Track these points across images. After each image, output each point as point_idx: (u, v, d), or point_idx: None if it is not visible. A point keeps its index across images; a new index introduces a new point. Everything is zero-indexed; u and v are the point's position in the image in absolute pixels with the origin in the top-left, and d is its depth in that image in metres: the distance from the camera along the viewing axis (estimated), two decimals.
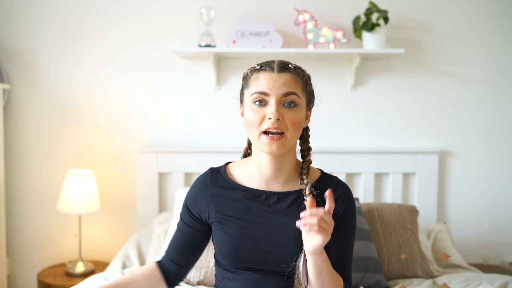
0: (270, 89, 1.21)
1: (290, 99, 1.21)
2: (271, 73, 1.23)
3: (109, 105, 2.76)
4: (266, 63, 1.27)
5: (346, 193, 1.30)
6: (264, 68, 1.25)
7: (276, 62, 1.26)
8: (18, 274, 2.83)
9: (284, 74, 1.23)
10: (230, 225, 1.28)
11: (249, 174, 1.31)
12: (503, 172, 2.83)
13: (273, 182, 1.28)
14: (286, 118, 1.20)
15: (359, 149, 2.74)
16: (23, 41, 2.72)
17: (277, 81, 1.21)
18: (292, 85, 1.22)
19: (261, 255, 1.25)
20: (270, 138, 1.19)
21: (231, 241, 1.26)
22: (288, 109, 1.21)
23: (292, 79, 1.23)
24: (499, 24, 2.76)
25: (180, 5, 2.71)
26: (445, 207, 2.84)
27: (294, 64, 1.28)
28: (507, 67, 2.78)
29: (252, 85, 1.24)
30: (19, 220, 2.81)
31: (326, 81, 2.76)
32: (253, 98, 1.22)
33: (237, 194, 1.29)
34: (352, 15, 2.67)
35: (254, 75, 1.25)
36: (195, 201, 1.33)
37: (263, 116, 1.20)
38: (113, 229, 2.82)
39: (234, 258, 1.27)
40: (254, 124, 1.21)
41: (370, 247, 2.13)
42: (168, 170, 2.71)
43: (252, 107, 1.22)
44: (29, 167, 2.78)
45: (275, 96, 1.20)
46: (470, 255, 2.80)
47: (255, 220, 1.26)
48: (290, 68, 1.25)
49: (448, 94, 2.79)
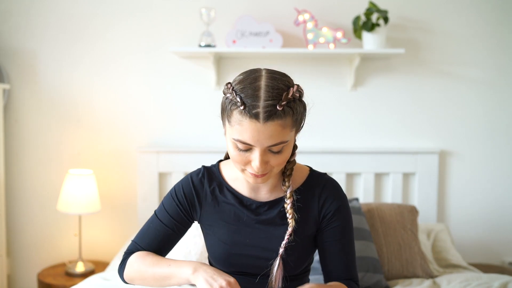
0: (255, 142, 1.07)
1: (275, 148, 1.10)
2: (256, 123, 1.05)
3: (109, 105, 2.76)
4: (251, 99, 1.06)
5: (334, 191, 1.26)
6: (247, 112, 1.05)
7: (262, 107, 1.05)
8: (18, 274, 2.83)
9: (270, 123, 1.05)
10: (222, 230, 1.26)
11: (238, 177, 1.27)
12: (503, 172, 2.83)
13: (261, 187, 1.26)
14: (272, 162, 1.12)
15: (359, 149, 2.74)
16: (23, 41, 2.72)
17: (262, 134, 1.06)
18: (279, 134, 1.07)
19: (253, 260, 1.23)
20: (254, 176, 1.13)
21: (222, 247, 1.25)
22: (275, 154, 1.11)
23: (280, 126, 1.07)
24: (499, 24, 2.76)
25: (180, 5, 2.71)
26: (445, 207, 2.84)
27: (284, 101, 1.06)
28: (507, 67, 2.78)
29: (234, 127, 1.09)
30: (19, 220, 2.81)
31: (326, 81, 2.76)
32: (236, 142, 1.10)
33: (230, 198, 1.27)
34: (352, 15, 2.67)
35: (237, 115, 1.07)
36: (188, 196, 1.28)
37: (247, 160, 1.12)
38: (113, 229, 2.82)
39: (226, 263, 1.26)
40: (238, 162, 1.13)
41: (370, 247, 2.13)
42: (168, 170, 2.71)
43: (235, 147, 1.12)
44: (29, 167, 2.78)
45: (260, 147, 1.08)
46: (470, 255, 2.80)
47: (246, 227, 1.25)
48: (278, 113, 1.05)
49: (448, 94, 2.79)
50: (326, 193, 1.25)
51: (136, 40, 2.73)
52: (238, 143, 1.10)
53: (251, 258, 1.23)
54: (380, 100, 2.78)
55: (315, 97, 2.91)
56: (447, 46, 2.76)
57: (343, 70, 2.76)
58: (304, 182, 1.27)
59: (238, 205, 1.26)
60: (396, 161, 2.74)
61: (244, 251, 1.24)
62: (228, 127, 1.12)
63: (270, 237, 1.23)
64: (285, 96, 1.07)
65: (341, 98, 2.77)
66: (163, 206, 1.30)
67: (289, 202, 1.21)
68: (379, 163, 2.74)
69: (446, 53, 2.76)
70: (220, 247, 1.25)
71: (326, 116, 2.78)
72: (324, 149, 2.73)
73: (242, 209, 1.25)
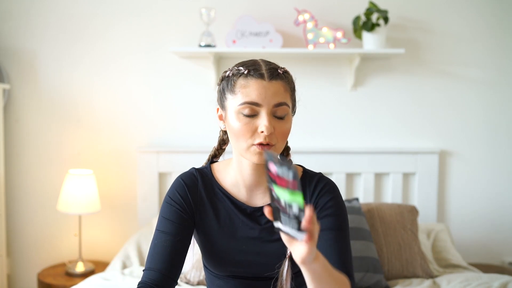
0: (262, 100, 1.11)
1: (280, 111, 1.12)
2: (261, 80, 1.12)
3: (109, 105, 2.76)
4: (253, 67, 1.15)
5: (328, 185, 1.23)
6: (252, 74, 1.13)
7: (265, 66, 1.15)
8: (18, 274, 2.83)
9: (275, 82, 1.13)
10: (218, 235, 1.22)
11: (231, 180, 1.24)
12: (503, 172, 2.83)
13: (255, 188, 1.23)
14: (276, 131, 1.12)
15: (359, 149, 2.74)
16: (23, 41, 2.72)
17: (269, 90, 1.11)
18: (283, 94, 1.13)
19: (249, 266, 1.21)
20: (261, 148, 1.11)
21: (218, 252, 1.22)
22: (279, 120, 1.13)
23: (283, 87, 1.14)
24: (499, 24, 2.76)
25: (180, 5, 2.71)
26: (445, 207, 2.84)
27: (282, 68, 1.18)
28: (507, 67, 2.78)
29: (239, 93, 1.13)
30: (19, 220, 2.81)
31: (326, 81, 2.76)
32: (241, 108, 1.12)
33: (224, 202, 1.23)
34: (352, 15, 2.67)
35: (241, 80, 1.14)
36: (184, 198, 1.23)
37: (254, 128, 1.11)
38: (113, 229, 2.82)
39: (221, 268, 1.23)
40: (243, 135, 1.12)
41: (370, 247, 2.13)
42: (168, 170, 2.71)
43: (240, 117, 1.12)
44: (29, 167, 2.78)
45: (267, 107, 1.11)
46: (470, 255, 2.80)
47: (242, 232, 1.21)
48: (280, 74, 1.15)
49: (448, 94, 2.79)
50: (320, 187, 1.22)
51: (136, 40, 2.73)
52: (244, 108, 1.12)
53: (247, 263, 1.21)
54: (380, 100, 2.78)
55: (315, 97, 2.93)
56: (447, 46, 2.76)
57: (343, 70, 2.76)
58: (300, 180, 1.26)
59: (233, 209, 1.23)
60: (396, 161, 2.74)
61: (240, 256, 1.21)
62: (231, 101, 1.15)
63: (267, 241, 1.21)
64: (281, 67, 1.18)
65: (341, 98, 2.77)
66: (162, 218, 1.23)
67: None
68: (379, 163, 2.74)
69: (446, 53, 2.76)
70: (215, 252, 1.22)
71: (326, 116, 2.78)
72: (324, 149, 2.73)
73: (238, 213, 1.22)
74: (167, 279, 1.15)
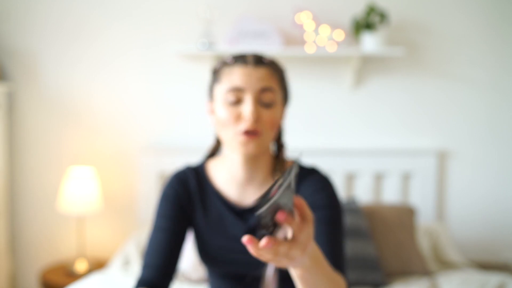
0: (246, 84, 1.10)
1: (267, 97, 1.12)
2: (246, 66, 1.12)
3: (110, 105, 2.77)
4: (239, 56, 1.15)
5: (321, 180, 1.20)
6: (237, 61, 1.14)
7: (250, 54, 1.16)
8: (19, 273, 2.85)
9: (260, 68, 1.13)
10: (208, 233, 1.22)
11: (224, 178, 1.23)
12: (503, 172, 2.83)
13: (248, 186, 1.21)
14: (263, 119, 1.11)
15: (359, 149, 2.74)
16: (23, 41, 2.73)
17: (253, 76, 1.11)
18: (269, 79, 1.12)
19: (242, 265, 1.20)
20: (246, 137, 1.10)
21: (209, 250, 1.22)
22: (265, 109, 1.12)
23: (268, 73, 1.13)
24: (499, 24, 2.76)
25: (180, 5, 2.72)
26: (444, 207, 2.84)
27: (269, 58, 1.17)
28: (507, 67, 2.78)
29: (224, 80, 1.14)
30: (20, 220, 2.82)
31: (325, 81, 2.76)
32: (226, 94, 1.12)
33: (215, 201, 1.23)
34: (351, 15, 2.67)
35: (226, 69, 1.14)
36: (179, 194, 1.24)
37: (238, 114, 1.11)
38: (114, 228, 2.83)
39: (216, 266, 1.24)
40: (229, 123, 1.11)
41: (369, 246, 2.14)
42: (168, 170, 2.72)
43: (225, 106, 1.12)
44: (30, 166, 2.79)
45: (252, 91, 1.11)
46: (469, 254, 2.80)
47: (233, 232, 1.21)
48: (266, 61, 1.15)
49: (448, 94, 2.79)
50: (314, 181, 1.20)
51: (136, 40, 2.74)
52: (229, 94, 1.12)
53: (240, 262, 1.20)
54: (380, 100, 2.78)
55: (314, 97, 2.94)
56: (447, 46, 2.76)
57: (342, 70, 2.76)
58: None
59: (224, 209, 1.22)
60: (395, 161, 2.75)
61: (231, 255, 1.21)
62: (217, 90, 1.16)
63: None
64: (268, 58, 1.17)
65: (340, 98, 2.78)
66: (157, 215, 1.24)
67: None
68: (379, 163, 2.74)
69: (446, 53, 2.76)
70: (208, 251, 1.23)
71: (325, 116, 2.78)
72: (324, 149, 2.73)
73: (228, 213, 1.21)
74: (163, 275, 1.15)
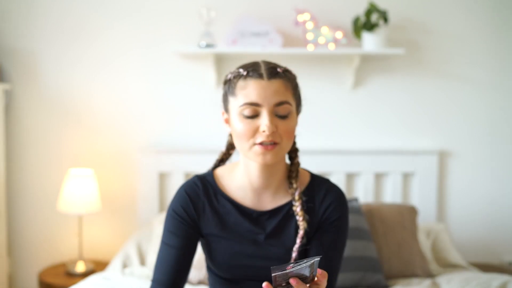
0: (262, 100, 1.10)
1: (282, 109, 1.12)
2: (260, 80, 1.12)
3: (110, 105, 2.76)
4: (252, 68, 1.15)
5: (338, 198, 1.23)
6: (251, 75, 1.13)
7: (264, 66, 1.15)
8: (18, 274, 2.84)
9: (274, 80, 1.12)
10: (223, 241, 1.22)
11: (238, 184, 1.24)
12: (503, 172, 2.83)
13: (263, 192, 1.22)
14: (280, 129, 1.11)
15: (359, 149, 2.74)
16: (23, 41, 2.73)
17: (268, 90, 1.11)
18: (283, 92, 1.13)
19: (255, 269, 1.21)
20: (264, 148, 1.11)
21: (223, 258, 1.22)
22: (282, 119, 1.12)
23: (283, 85, 1.13)
24: (499, 24, 2.76)
25: (180, 5, 2.72)
26: (445, 207, 2.84)
27: (282, 67, 1.17)
28: (507, 67, 2.78)
29: (239, 94, 1.13)
30: (19, 220, 2.81)
31: (326, 81, 2.76)
32: (242, 109, 1.12)
33: (229, 209, 1.23)
34: (352, 15, 2.67)
35: (241, 82, 1.14)
36: (187, 210, 1.23)
37: (256, 128, 1.11)
38: (114, 229, 2.82)
39: (227, 272, 1.24)
40: (246, 135, 1.12)
41: (370, 247, 2.14)
42: (168, 170, 2.72)
43: (241, 119, 1.12)
44: (29, 167, 2.78)
45: (268, 106, 1.10)
46: (470, 255, 2.80)
47: (248, 237, 1.21)
48: (279, 73, 1.14)
49: (448, 94, 2.79)
50: (331, 198, 1.22)
51: (136, 40, 2.74)
52: (245, 109, 1.11)
53: (253, 267, 1.21)
54: (380, 100, 2.78)
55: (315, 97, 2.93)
56: (447, 46, 2.76)
57: (343, 70, 2.76)
58: (308, 186, 1.25)
59: (237, 215, 1.22)
60: (396, 161, 2.74)
61: (246, 261, 1.21)
62: (232, 103, 1.16)
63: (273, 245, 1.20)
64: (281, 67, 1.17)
65: (341, 98, 2.78)
66: (166, 231, 1.24)
67: (298, 204, 1.18)
68: (379, 163, 2.74)
69: (446, 53, 2.76)
70: (221, 257, 1.23)
71: (326, 116, 2.78)
72: (324, 149, 2.73)
73: (242, 219, 1.22)
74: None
